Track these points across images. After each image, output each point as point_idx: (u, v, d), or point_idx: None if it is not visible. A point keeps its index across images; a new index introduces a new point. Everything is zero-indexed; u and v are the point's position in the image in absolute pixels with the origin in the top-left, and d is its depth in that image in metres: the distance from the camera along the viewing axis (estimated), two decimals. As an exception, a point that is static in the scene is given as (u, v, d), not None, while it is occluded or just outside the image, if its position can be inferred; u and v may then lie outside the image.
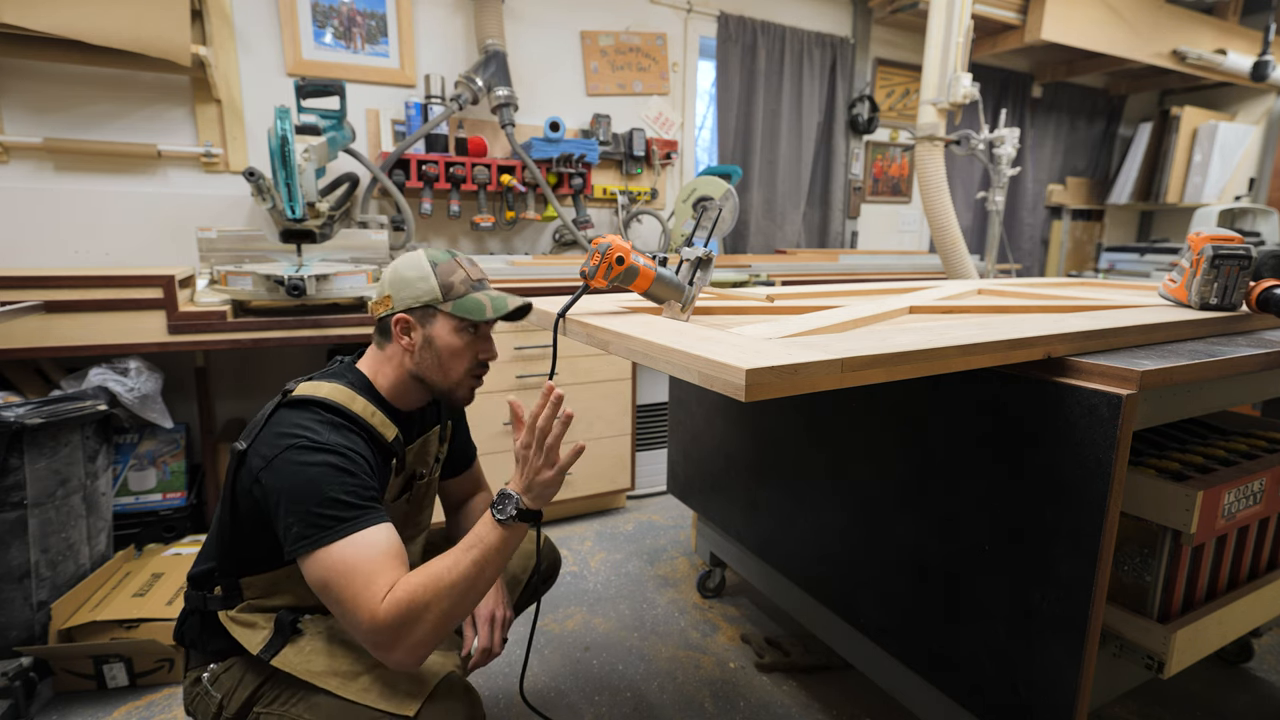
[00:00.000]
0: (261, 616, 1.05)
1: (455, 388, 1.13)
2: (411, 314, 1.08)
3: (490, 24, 2.72)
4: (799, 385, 0.80)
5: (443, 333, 1.09)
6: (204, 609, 1.07)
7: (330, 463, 0.95)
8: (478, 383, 1.16)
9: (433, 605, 0.89)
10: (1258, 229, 4.26)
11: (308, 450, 0.95)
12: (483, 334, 1.14)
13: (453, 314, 1.08)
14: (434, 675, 1.00)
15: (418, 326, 1.09)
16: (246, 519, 1.01)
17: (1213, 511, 1.13)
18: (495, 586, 1.23)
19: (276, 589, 1.06)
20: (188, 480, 2.26)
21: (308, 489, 0.92)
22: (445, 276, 1.09)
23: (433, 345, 1.09)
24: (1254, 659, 1.84)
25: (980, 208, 4.30)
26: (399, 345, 1.10)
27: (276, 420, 0.99)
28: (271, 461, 0.95)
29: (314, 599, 1.06)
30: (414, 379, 1.12)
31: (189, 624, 1.10)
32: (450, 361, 1.10)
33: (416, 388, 1.13)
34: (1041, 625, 1.07)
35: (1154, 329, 1.23)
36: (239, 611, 1.05)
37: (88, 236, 2.34)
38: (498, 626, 1.19)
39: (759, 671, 1.78)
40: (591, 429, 2.57)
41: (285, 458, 0.94)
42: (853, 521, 1.45)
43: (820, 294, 1.73)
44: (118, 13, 2.09)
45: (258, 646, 1.02)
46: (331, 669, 0.99)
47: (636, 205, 3.21)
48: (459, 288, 1.09)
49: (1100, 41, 3.72)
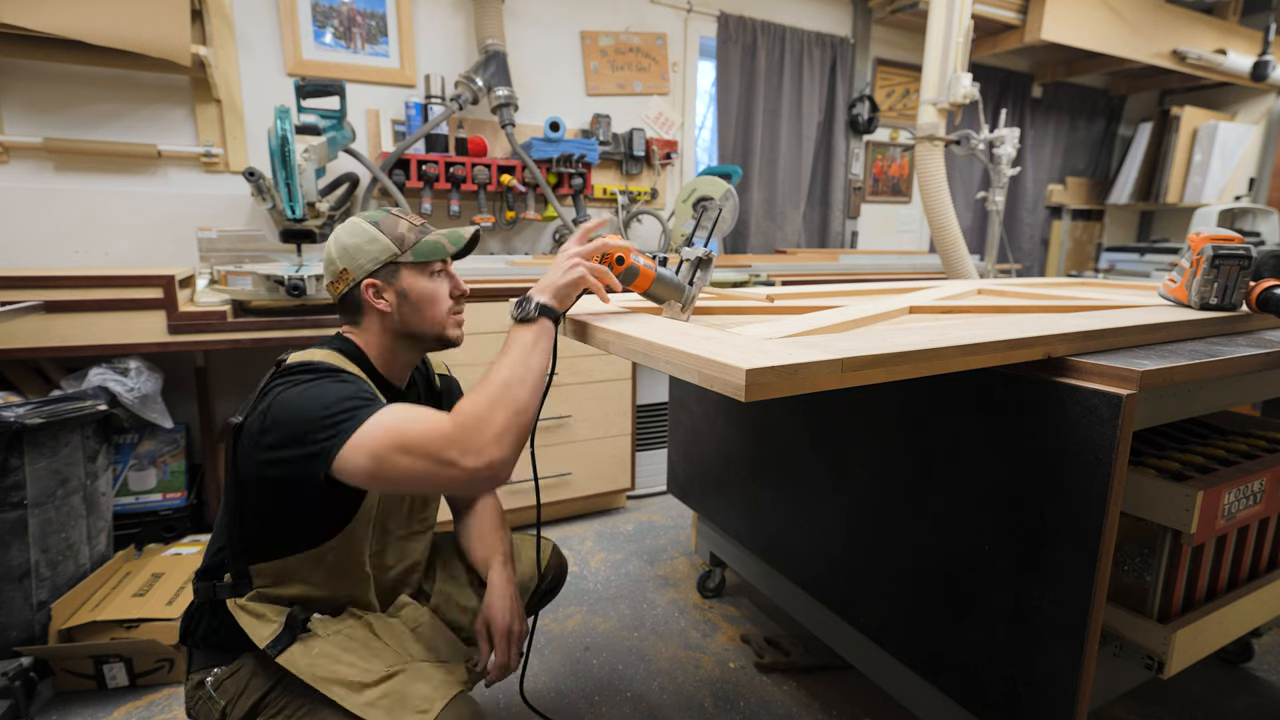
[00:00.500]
0: (271, 609, 1.04)
1: (443, 329, 1.13)
2: (376, 276, 1.08)
3: (490, 24, 2.72)
4: (799, 385, 0.80)
5: (413, 282, 1.09)
6: (213, 598, 1.06)
7: (330, 381, 0.95)
8: (461, 318, 1.18)
9: (497, 400, 0.88)
10: (1258, 229, 4.26)
11: (305, 382, 0.95)
12: (447, 272, 1.15)
13: (416, 261, 1.09)
14: (442, 695, 0.97)
15: (387, 286, 1.09)
16: (251, 495, 1.00)
17: (1213, 511, 1.13)
18: (511, 600, 1.20)
19: (287, 577, 1.05)
20: (188, 480, 2.26)
21: (315, 403, 0.91)
22: (392, 231, 1.09)
23: (408, 298, 1.09)
24: (1254, 659, 1.84)
25: (980, 208, 4.30)
26: (375, 311, 1.09)
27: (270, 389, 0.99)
28: (270, 407, 0.94)
29: (324, 591, 1.07)
30: (399, 338, 1.12)
31: (196, 619, 1.08)
32: (429, 306, 1.11)
33: (404, 348, 1.13)
34: (1041, 625, 1.07)
35: (1154, 329, 1.23)
36: (248, 600, 1.04)
37: (87, 236, 2.34)
38: (514, 641, 1.17)
39: (759, 671, 1.78)
40: (591, 429, 2.57)
41: (284, 394, 0.94)
42: (853, 521, 1.45)
43: (820, 294, 1.73)
44: (118, 13, 2.09)
45: (265, 640, 1.00)
46: (337, 677, 0.97)
47: (636, 205, 3.21)
48: (410, 236, 1.10)
49: (1100, 41, 3.72)
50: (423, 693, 0.96)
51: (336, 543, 1.06)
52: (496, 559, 1.26)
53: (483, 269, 2.53)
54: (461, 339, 1.17)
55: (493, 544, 1.29)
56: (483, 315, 2.26)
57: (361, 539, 1.08)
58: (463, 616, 1.27)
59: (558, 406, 2.48)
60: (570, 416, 2.52)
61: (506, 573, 1.24)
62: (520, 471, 2.61)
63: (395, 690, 0.96)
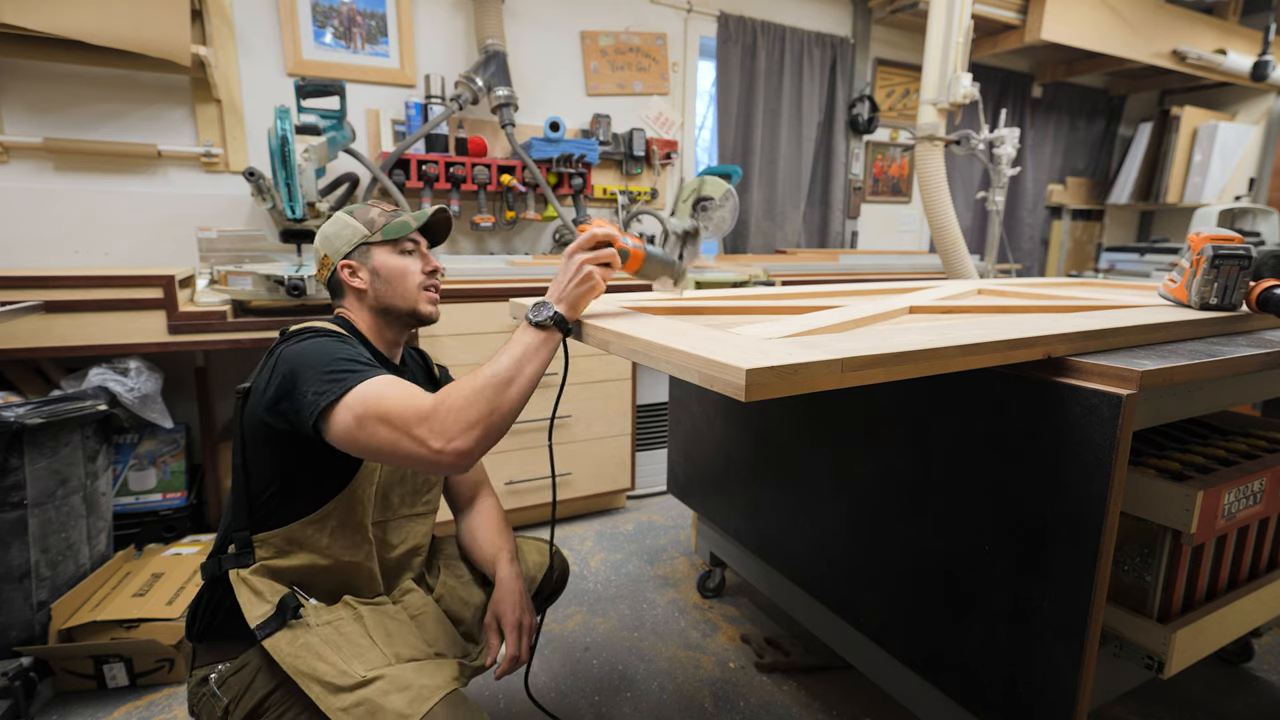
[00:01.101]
0: (270, 588, 1.04)
1: (416, 303, 1.19)
2: (351, 258, 1.16)
3: (490, 24, 2.72)
4: (799, 385, 0.79)
5: (384, 260, 1.17)
6: (217, 572, 1.07)
7: (331, 341, 1.02)
8: (435, 294, 1.22)
9: (481, 393, 0.90)
10: (1258, 229, 4.26)
11: (309, 339, 1.02)
12: (419, 252, 1.22)
13: (384, 239, 1.17)
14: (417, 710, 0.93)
15: (361, 266, 1.17)
16: (256, 457, 1.04)
17: (1213, 511, 1.13)
18: (520, 594, 1.21)
19: (292, 544, 1.07)
20: (188, 480, 2.26)
21: (317, 357, 0.97)
22: (364, 216, 1.18)
23: (380, 274, 1.16)
24: (1254, 659, 1.84)
25: (980, 208, 4.30)
26: (353, 290, 1.17)
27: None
28: (277, 363, 1.00)
29: (329, 559, 1.08)
30: (379, 314, 1.18)
31: (200, 606, 1.09)
32: (400, 281, 1.17)
33: (387, 324, 1.19)
34: (1041, 625, 1.07)
35: (1154, 329, 1.23)
36: (251, 574, 1.05)
37: (87, 236, 2.34)
38: (525, 633, 1.18)
39: (759, 671, 1.78)
40: (591, 429, 2.57)
41: (289, 350, 1.00)
42: (853, 521, 1.45)
43: (820, 294, 1.73)
44: (118, 13, 2.09)
45: (257, 620, 1.01)
46: (315, 674, 0.96)
47: (636, 205, 3.21)
48: (380, 219, 1.18)
49: (1100, 41, 3.72)
50: (397, 706, 0.93)
51: (338, 504, 1.08)
52: (504, 555, 1.28)
53: (483, 269, 2.53)
54: (436, 315, 1.23)
55: (499, 542, 1.31)
56: (483, 315, 2.26)
57: (364, 502, 1.11)
58: (464, 610, 1.28)
59: (558, 406, 2.48)
60: (570, 416, 2.52)
61: (514, 568, 1.26)
62: (520, 471, 2.61)
63: (369, 699, 0.94)
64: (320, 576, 1.09)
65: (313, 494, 1.07)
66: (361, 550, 1.13)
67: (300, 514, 1.07)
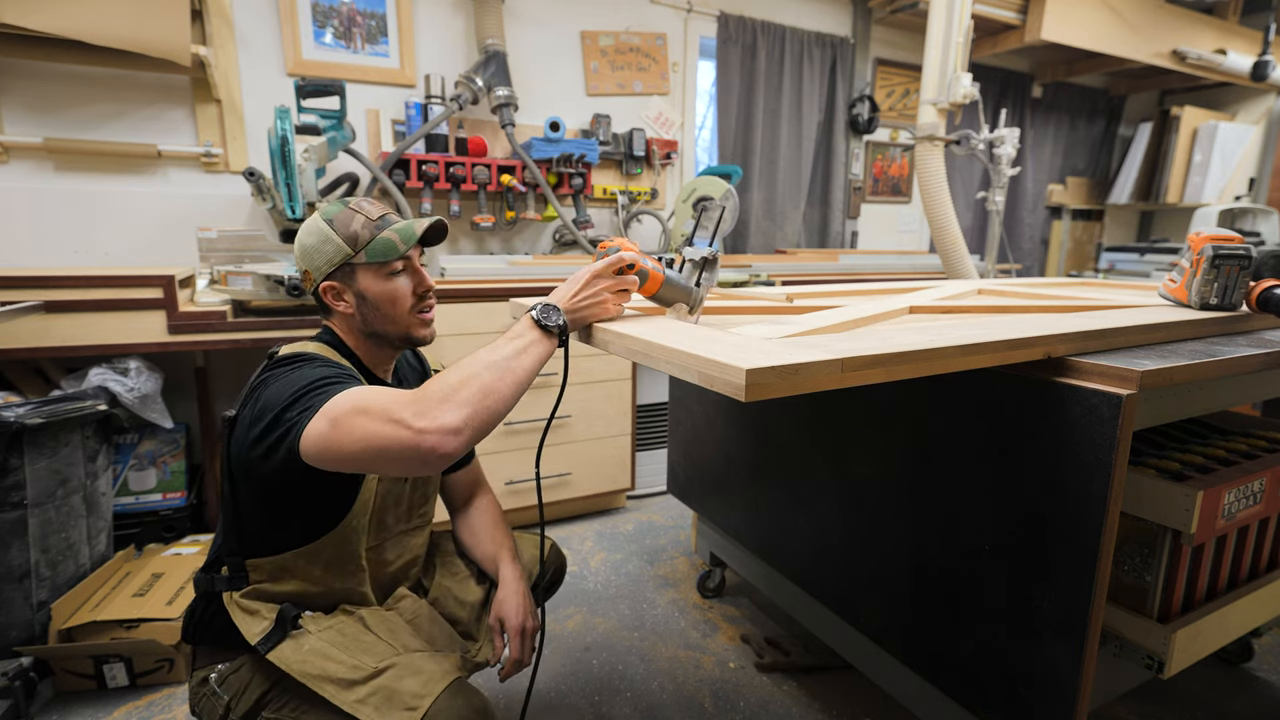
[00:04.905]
0: (265, 606, 1.04)
1: (408, 329, 1.11)
2: (333, 279, 1.07)
3: (490, 24, 2.72)
4: (799, 385, 0.79)
5: (370, 284, 1.07)
6: (211, 590, 1.06)
7: (309, 366, 0.97)
8: (429, 316, 1.14)
9: (473, 375, 0.84)
10: (1258, 229, 4.26)
11: (288, 370, 0.97)
12: (410, 268, 1.11)
13: (369, 262, 1.06)
14: (431, 691, 0.95)
15: (346, 288, 1.07)
16: (246, 491, 1.01)
17: (1213, 511, 1.13)
18: (524, 597, 1.21)
19: (283, 573, 1.05)
20: (188, 480, 2.26)
21: (295, 382, 0.92)
22: (345, 229, 1.05)
23: (367, 299, 1.07)
24: (1254, 659, 1.84)
25: (980, 208, 4.30)
26: (340, 312, 1.09)
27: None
28: (259, 399, 0.95)
29: (320, 587, 1.07)
30: (368, 337, 1.11)
31: (196, 614, 1.09)
32: (390, 307, 1.08)
33: (377, 345, 1.12)
34: (1041, 625, 1.07)
35: (1154, 329, 1.23)
36: (243, 597, 1.04)
37: (87, 236, 2.34)
38: (528, 637, 1.18)
39: (759, 671, 1.78)
40: (591, 429, 2.57)
41: (270, 385, 0.95)
42: (853, 521, 1.45)
43: (820, 294, 1.73)
44: (118, 12, 2.09)
45: (256, 637, 1.00)
46: (327, 674, 0.97)
47: (636, 205, 3.21)
48: (364, 235, 1.06)
49: (1100, 41, 3.72)
50: (412, 688, 0.95)
51: (332, 539, 1.06)
52: (505, 555, 1.27)
53: (483, 269, 2.53)
54: (431, 337, 1.15)
55: (499, 540, 1.30)
56: (483, 315, 2.26)
57: (358, 533, 1.08)
58: (460, 609, 1.27)
59: (558, 407, 2.48)
60: (570, 416, 2.52)
61: (516, 569, 1.25)
62: (520, 471, 2.61)
63: (385, 686, 0.96)
64: (313, 599, 1.09)
65: (304, 530, 1.05)
66: (355, 577, 1.11)
67: (292, 545, 1.04)
